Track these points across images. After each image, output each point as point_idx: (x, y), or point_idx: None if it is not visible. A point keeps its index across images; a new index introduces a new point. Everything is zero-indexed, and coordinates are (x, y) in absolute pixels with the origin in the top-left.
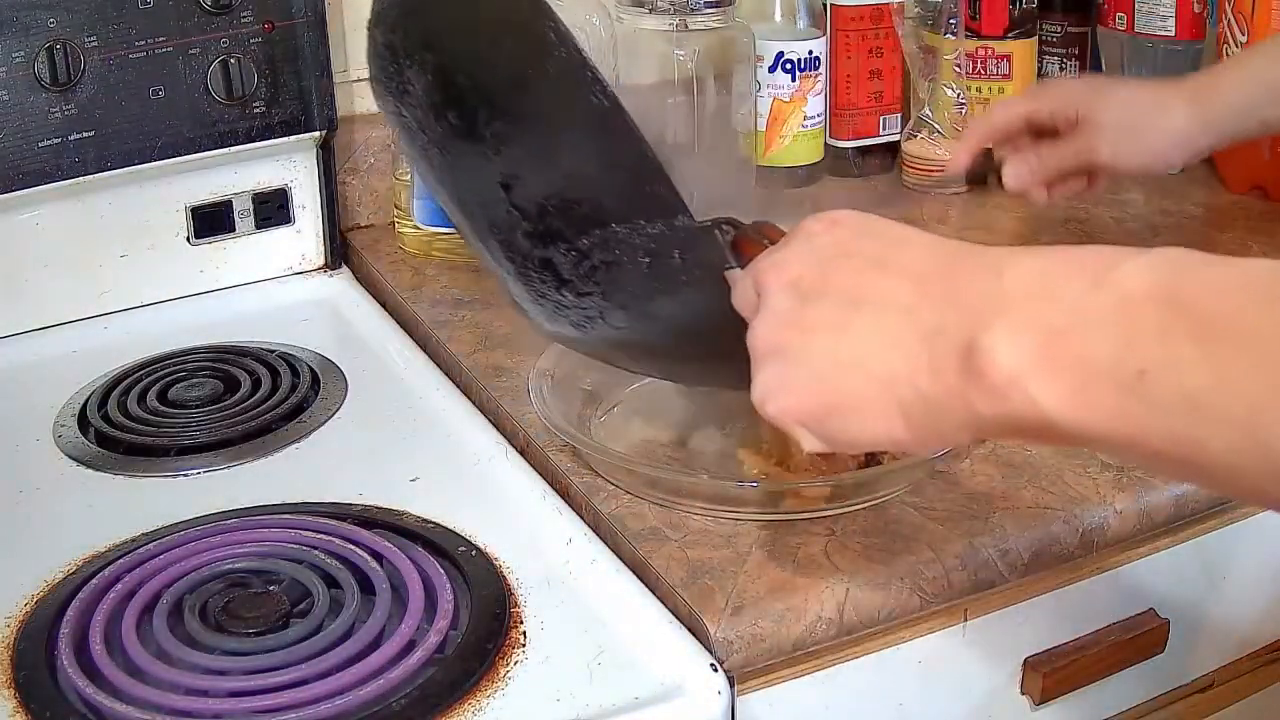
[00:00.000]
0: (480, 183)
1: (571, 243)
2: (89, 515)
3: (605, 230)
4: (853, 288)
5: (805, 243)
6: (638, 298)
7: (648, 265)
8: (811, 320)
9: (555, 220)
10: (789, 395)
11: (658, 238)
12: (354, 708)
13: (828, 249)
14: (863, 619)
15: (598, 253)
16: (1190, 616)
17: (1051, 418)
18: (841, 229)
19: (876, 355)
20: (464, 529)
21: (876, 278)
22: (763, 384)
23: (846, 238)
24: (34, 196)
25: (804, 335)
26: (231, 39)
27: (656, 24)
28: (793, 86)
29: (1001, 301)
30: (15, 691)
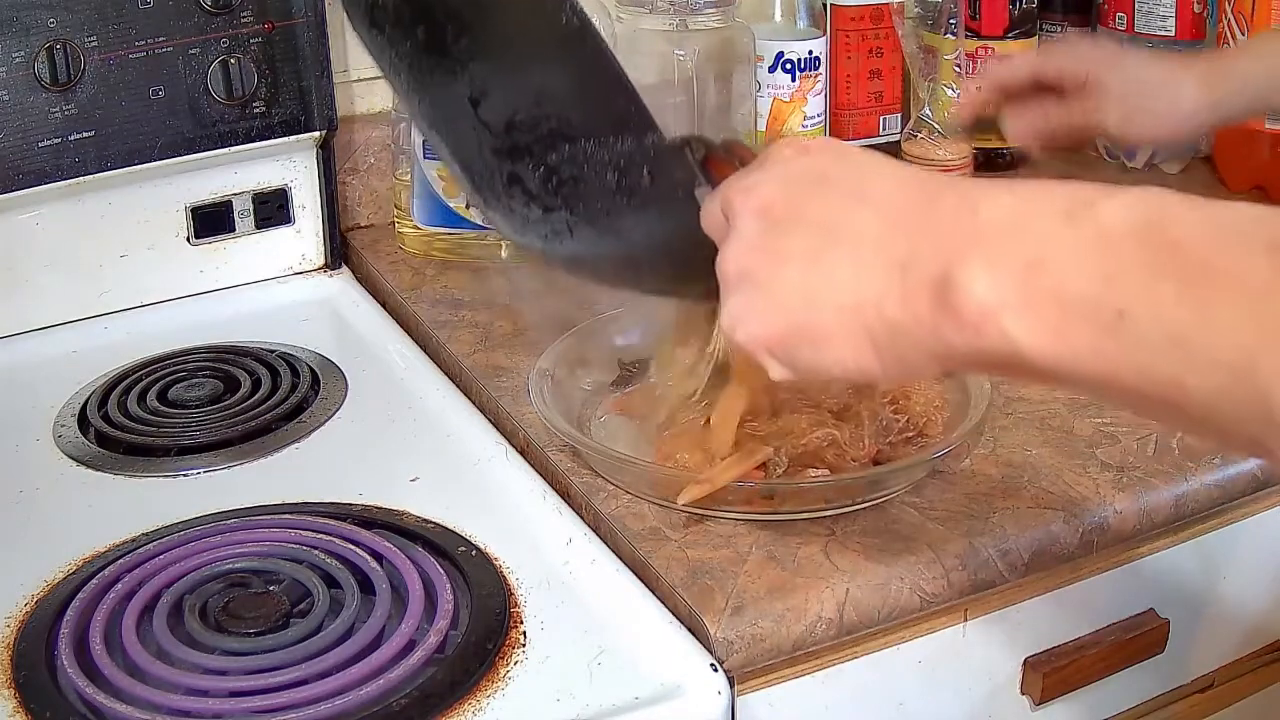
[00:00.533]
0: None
1: (539, 158)
2: (89, 515)
3: (574, 146)
4: (825, 217)
5: (777, 168)
6: (606, 214)
7: (616, 182)
8: (782, 248)
9: (523, 136)
10: (758, 323)
11: (627, 154)
12: (354, 708)
13: (800, 176)
14: (863, 619)
15: (565, 168)
16: (1190, 616)
17: (1026, 354)
18: (815, 155)
19: (847, 285)
20: (464, 529)
21: (850, 207)
22: (731, 310)
23: (820, 165)
24: (34, 196)
25: (774, 263)
26: (231, 39)
27: (656, 24)
28: (793, 86)
29: (977, 235)
30: (15, 691)
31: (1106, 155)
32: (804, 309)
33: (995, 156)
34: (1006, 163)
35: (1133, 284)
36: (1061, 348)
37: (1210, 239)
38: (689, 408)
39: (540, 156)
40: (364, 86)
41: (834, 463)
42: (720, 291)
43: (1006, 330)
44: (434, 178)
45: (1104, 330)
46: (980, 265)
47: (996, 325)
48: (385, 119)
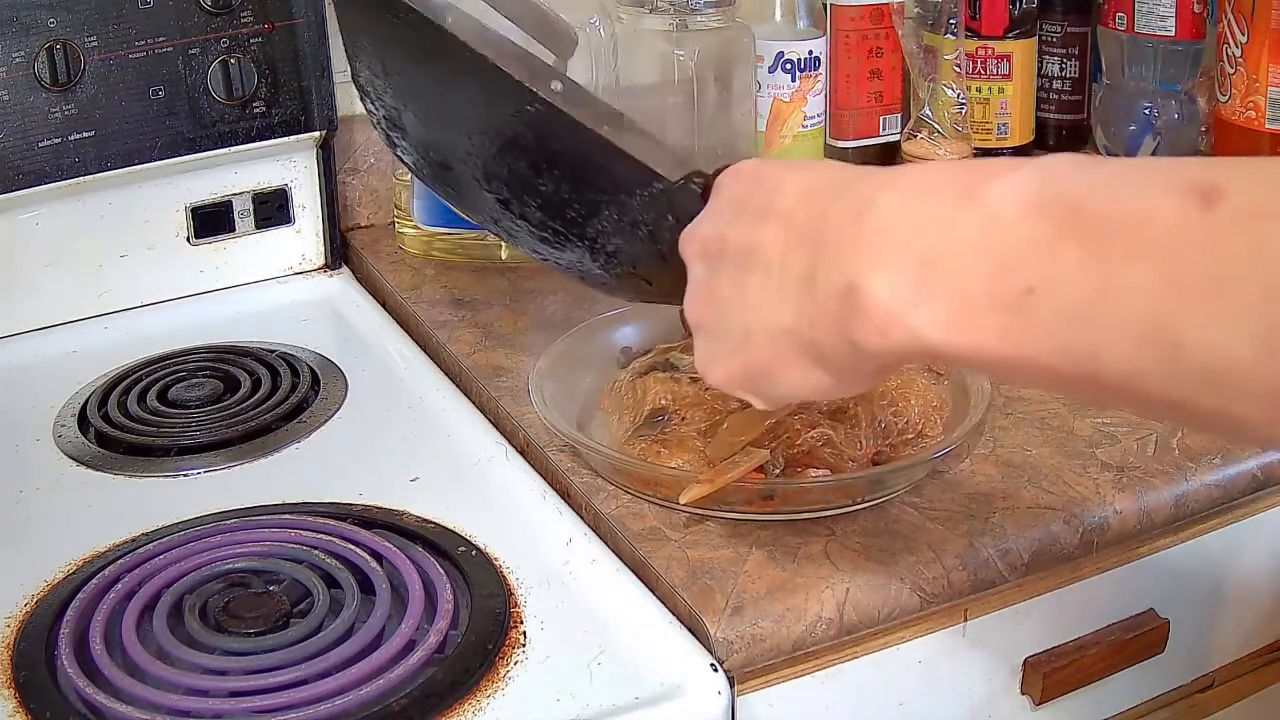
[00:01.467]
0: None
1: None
2: (89, 515)
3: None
4: (742, 246)
5: (714, 201)
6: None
7: (649, 235)
8: (718, 288)
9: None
10: (718, 367)
11: (642, 207)
12: (354, 708)
13: (727, 206)
14: (863, 619)
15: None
16: (1190, 616)
17: (939, 349)
18: (739, 181)
19: (768, 315)
20: (464, 529)
21: (758, 228)
22: (699, 357)
23: (742, 191)
24: (34, 196)
25: (714, 305)
26: (231, 39)
27: (656, 24)
28: (793, 86)
29: (870, 241)
30: (15, 691)
31: (1106, 155)
32: (744, 346)
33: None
34: None
35: (1034, 260)
36: (971, 337)
37: (1107, 195)
38: None
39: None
40: None
41: (832, 463)
42: None
43: (914, 330)
44: None
45: (1009, 313)
46: (876, 271)
47: (904, 327)
48: None
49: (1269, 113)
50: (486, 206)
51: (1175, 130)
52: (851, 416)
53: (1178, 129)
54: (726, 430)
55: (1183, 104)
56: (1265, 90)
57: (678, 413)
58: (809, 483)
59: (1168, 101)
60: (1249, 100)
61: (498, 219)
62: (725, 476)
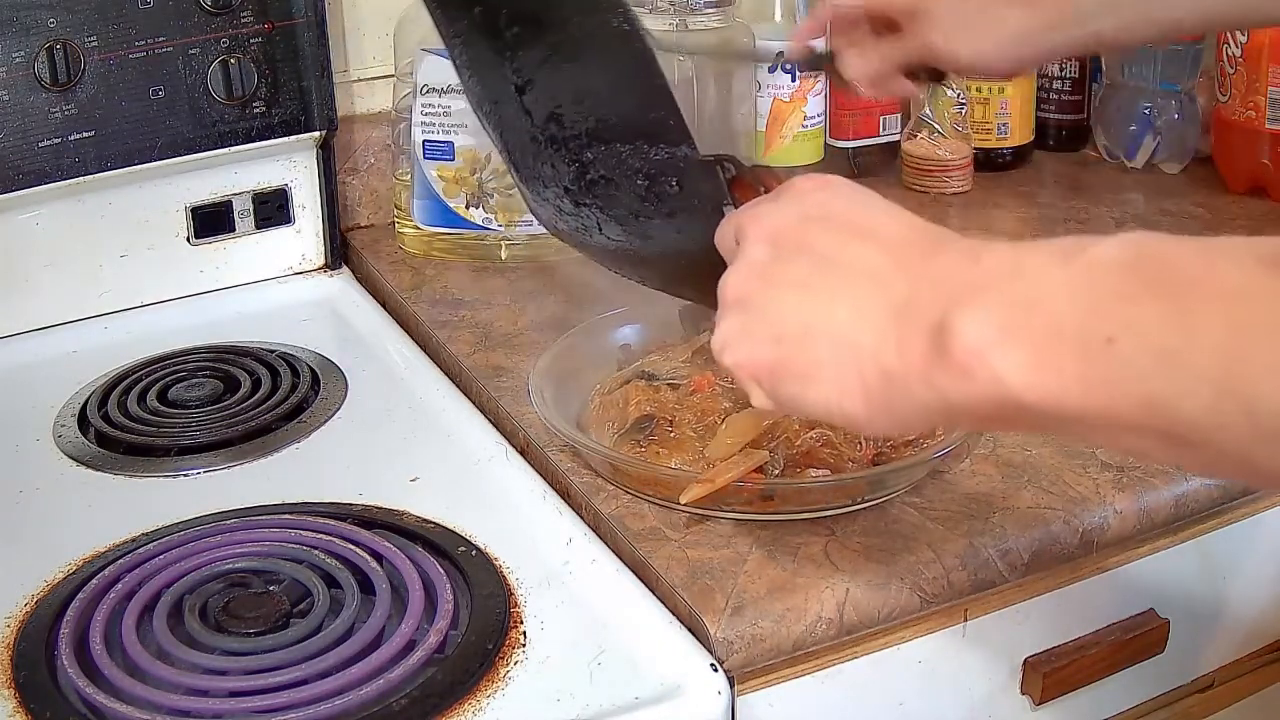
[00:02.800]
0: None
1: (576, 155)
2: (89, 515)
3: (610, 148)
4: (831, 250)
5: (793, 199)
6: (635, 217)
7: (646, 188)
8: (783, 276)
9: (562, 130)
10: (748, 348)
11: (659, 163)
12: (354, 708)
13: (814, 208)
14: (863, 619)
15: (599, 167)
16: (1190, 616)
17: (1015, 391)
18: (832, 191)
19: (844, 323)
20: (464, 529)
21: (856, 242)
22: (724, 332)
23: (835, 201)
24: (34, 196)
25: (773, 289)
26: (231, 39)
27: (656, 24)
28: (793, 86)
29: (975, 283)
30: (15, 691)
31: (1106, 155)
32: (796, 340)
33: (995, 156)
34: (1006, 161)
35: (1116, 309)
36: (1050, 381)
37: (1198, 259)
38: None
39: (577, 153)
40: (364, 86)
41: (831, 463)
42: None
43: (994, 368)
44: (434, 178)
45: (1091, 359)
46: (973, 309)
47: (985, 365)
48: (385, 119)
49: (1269, 113)
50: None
51: (1175, 130)
52: None
53: (1178, 129)
54: (726, 431)
55: (1183, 104)
56: (1265, 90)
57: (665, 418)
58: (809, 483)
59: (1168, 101)
60: (1249, 100)
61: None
62: (725, 476)
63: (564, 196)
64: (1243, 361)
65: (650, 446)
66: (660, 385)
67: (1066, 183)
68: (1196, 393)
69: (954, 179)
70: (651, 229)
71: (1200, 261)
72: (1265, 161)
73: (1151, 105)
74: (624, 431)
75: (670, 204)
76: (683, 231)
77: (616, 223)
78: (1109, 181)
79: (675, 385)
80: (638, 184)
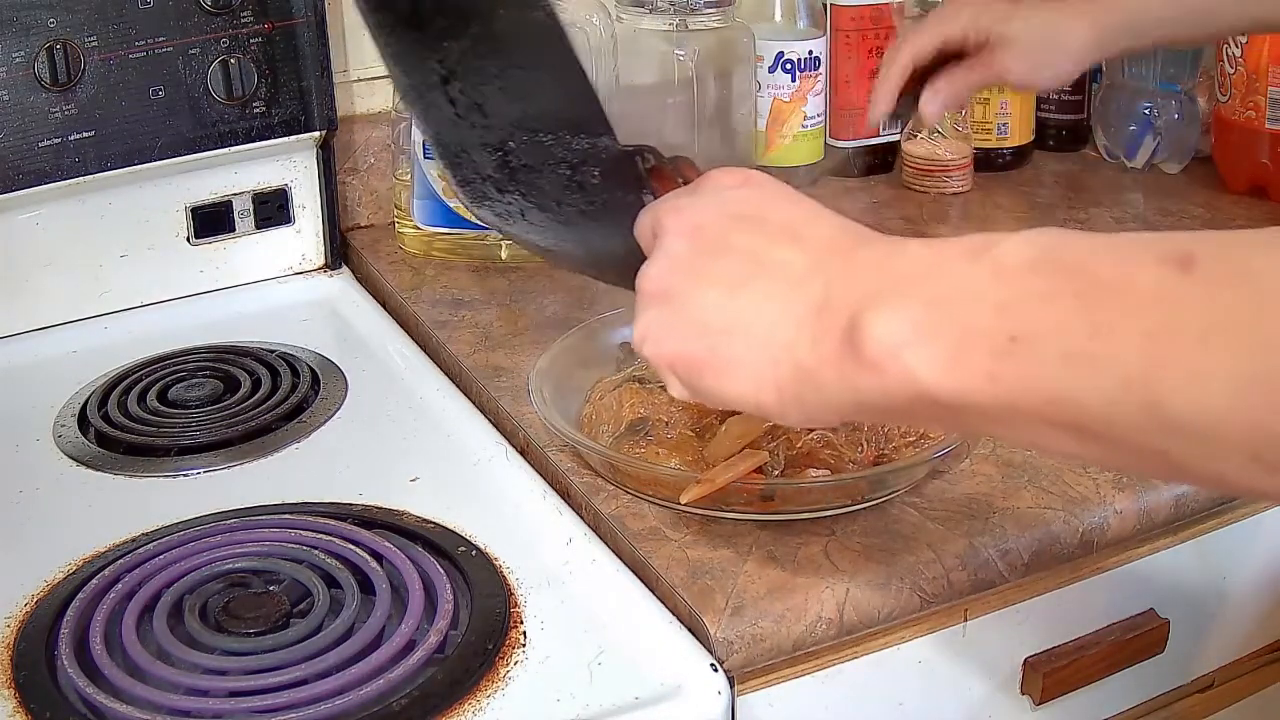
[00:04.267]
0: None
1: (499, 144)
2: (89, 515)
3: (532, 137)
4: (754, 248)
5: (715, 194)
6: (556, 204)
7: (568, 177)
8: (706, 271)
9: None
10: (669, 340)
11: (581, 153)
12: (354, 708)
13: (737, 205)
14: (863, 619)
15: (521, 156)
16: (1190, 616)
17: (927, 387)
18: (755, 189)
19: (763, 321)
20: (464, 529)
21: (780, 243)
22: (645, 324)
23: (759, 199)
24: (34, 196)
25: (695, 284)
26: (231, 39)
27: (656, 24)
28: (793, 86)
29: (889, 280)
30: (15, 691)
31: (1106, 155)
32: (716, 336)
33: (995, 156)
34: (1006, 162)
35: (1026, 308)
36: (959, 378)
37: (1102, 258)
38: None
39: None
40: (364, 86)
41: (832, 464)
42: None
43: (905, 364)
44: (434, 178)
45: (999, 356)
46: (885, 307)
47: (896, 360)
48: (385, 119)
49: (1269, 113)
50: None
51: (1175, 130)
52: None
53: (1178, 129)
54: (726, 431)
55: (1183, 104)
56: (1265, 90)
57: (660, 420)
58: (809, 483)
59: (1168, 101)
60: (1249, 100)
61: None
62: (725, 476)
63: (488, 183)
64: (1153, 362)
65: (650, 447)
66: (653, 388)
67: (1066, 183)
68: (1104, 388)
69: (954, 179)
70: (573, 217)
71: (1110, 263)
72: (1265, 161)
73: (1151, 105)
74: (619, 434)
75: (591, 193)
76: (603, 220)
77: (539, 209)
78: (1109, 181)
79: None
80: (561, 173)
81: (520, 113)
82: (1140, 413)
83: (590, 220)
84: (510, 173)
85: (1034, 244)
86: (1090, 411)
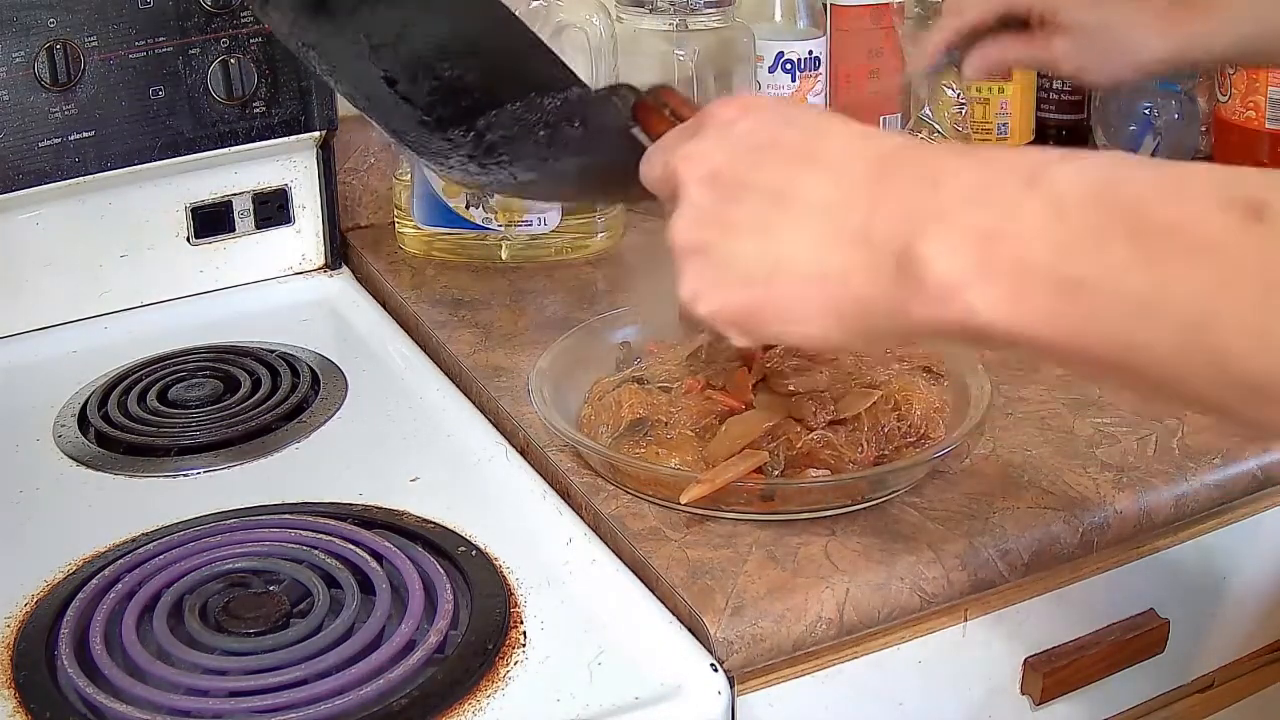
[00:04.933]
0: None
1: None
2: (89, 515)
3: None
4: (775, 182)
5: (721, 131)
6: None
7: (548, 137)
8: (735, 218)
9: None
10: (718, 295)
11: (554, 110)
12: (354, 708)
13: (746, 138)
14: (863, 619)
15: (496, 130)
16: (1190, 616)
17: (990, 324)
18: (757, 115)
19: (807, 255)
20: (464, 529)
21: (801, 171)
22: (690, 284)
23: (764, 126)
24: (34, 196)
25: (728, 234)
26: (231, 39)
27: (656, 24)
28: (793, 86)
29: (937, 209)
30: (15, 691)
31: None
32: (765, 282)
33: None
34: None
35: (1088, 248)
36: (1022, 317)
37: (1163, 197)
38: None
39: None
40: None
41: (832, 465)
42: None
43: (970, 303)
44: (434, 178)
45: (1062, 297)
46: (941, 239)
47: (960, 299)
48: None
49: (1269, 113)
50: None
51: (1175, 130)
52: (854, 421)
53: (1178, 129)
54: (726, 431)
55: (1183, 104)
56: (1265, 90)
57: (660, 420)
58: (809, 483)
59: (1168, 101)
60: (1249, 100)
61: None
62: (725, 476)
63: (469, 163)
64: (1215, 316)
65: (650, 447)
66: (652, 389)
67: None
68: (1166, 335)
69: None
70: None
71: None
72: (1265, 161)
73: (1151, 105)
74: (619, 434)
75: (576, 144)
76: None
77: (528, 169)
78: None
79: (667, 389)
80: (539, 135)
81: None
82: (1201, 363)
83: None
84: (488, 149)
85: (1090, 176)
86: (1150, 357)
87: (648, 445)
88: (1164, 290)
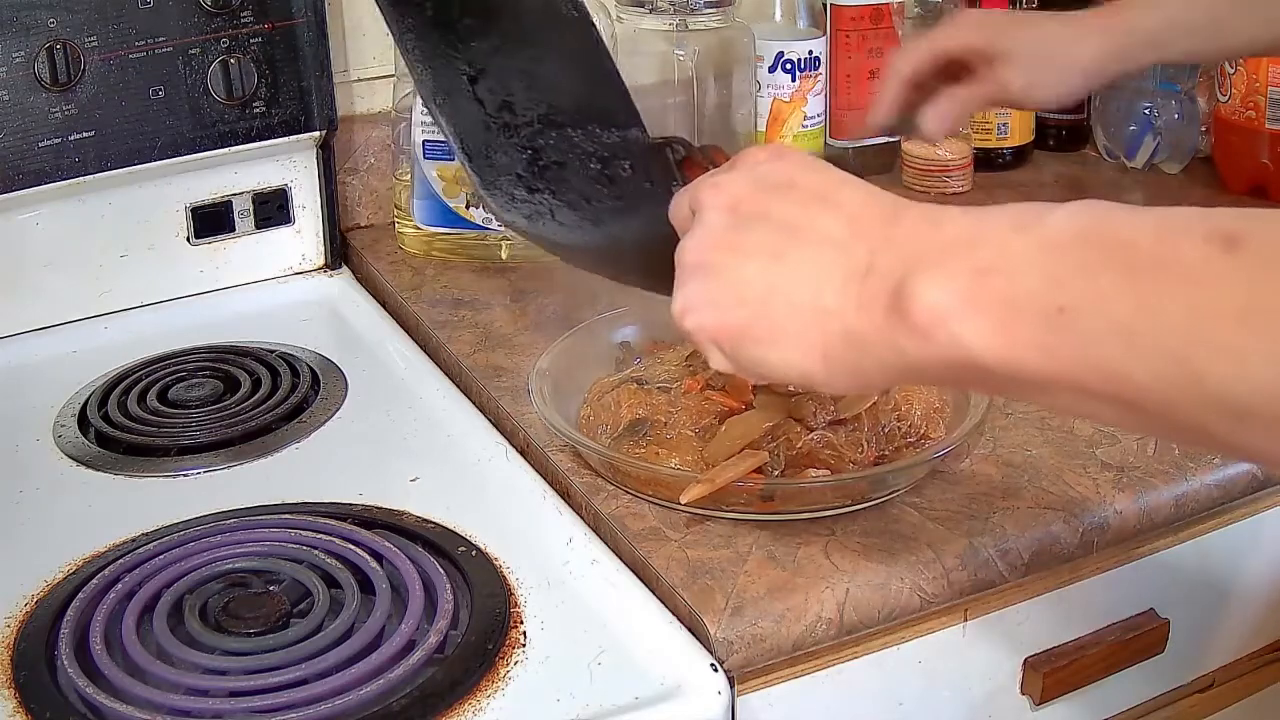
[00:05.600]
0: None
1: (529, 141)
2: (89, 515)
3: (561, 133)
4: (791, 217)
5: (748, 169)
6: (586, 201)
7: (599, 172)
8: (745, 243)
9: (514, 117)
10: (710, 312)
11: (611, 147)
12: (354, 708)
13: (770, 177)
14: (863, 619)
15: (551, 153)
16: (1190, 616)
17: (975, 355)
18: (786, 161)
19: (806, 287)
20: (464, 529)
21: (817, 210)
22: (685, 297)
23: (790, 170)
24: (34, 196)
25: (735, 256)
26: (231, 39)
27: (656, 24)
28: (793, 86)
29: (934, 248)
30: (15, 691)
31: (1106, 155)
32: (759, 304)
33: (995, 156)
34: (1006, 162)
35: (1075, 280)
36: (1008, 347)
37: (1151, 233)
38: None
39: (530, 140)
40: (364, 86)
41: (832, 465)
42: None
43: (955, 333)
44: (434, 178)
45: (1048, 327)
46: (933, 274)
47: (945, 329)
48: (385, 119)
49: (1269, 113)
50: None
51: (1175, 130)
52: (854, 421)
53: (1178, 129)
54: (726, 431)
55: (1183, 104)
56: (1265, 90)
57: (659, 420)
58: (809, 483)
59: (1168, 101)
60: (1249, 100)
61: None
62: (725, 476)
63: (517, 184)
64: (1198, 343)
65: (650, 447)
66: (652, 389)
67: (1066, 183)
68: (1151, 363)
69: (954, 179)
70: (603, 213)
71: (1156, 238)
72: (1265, 161)
73: (1151, 105)
74: (619, 434)
75: (621, 187)
76: (634, 215)
77: (569, 208)
78: (1109, 182)
79: (667, 389)
80: (591, 167)
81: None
82: (1182, 387)
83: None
84: (540, 170)
85: (1080, 217)
86: (1134, 384)
87: (647, 445)
88: (1148, 317)
